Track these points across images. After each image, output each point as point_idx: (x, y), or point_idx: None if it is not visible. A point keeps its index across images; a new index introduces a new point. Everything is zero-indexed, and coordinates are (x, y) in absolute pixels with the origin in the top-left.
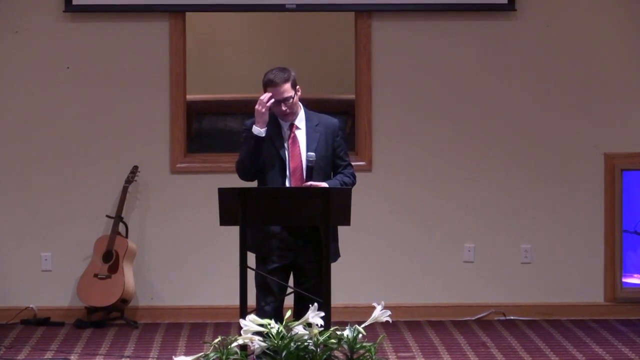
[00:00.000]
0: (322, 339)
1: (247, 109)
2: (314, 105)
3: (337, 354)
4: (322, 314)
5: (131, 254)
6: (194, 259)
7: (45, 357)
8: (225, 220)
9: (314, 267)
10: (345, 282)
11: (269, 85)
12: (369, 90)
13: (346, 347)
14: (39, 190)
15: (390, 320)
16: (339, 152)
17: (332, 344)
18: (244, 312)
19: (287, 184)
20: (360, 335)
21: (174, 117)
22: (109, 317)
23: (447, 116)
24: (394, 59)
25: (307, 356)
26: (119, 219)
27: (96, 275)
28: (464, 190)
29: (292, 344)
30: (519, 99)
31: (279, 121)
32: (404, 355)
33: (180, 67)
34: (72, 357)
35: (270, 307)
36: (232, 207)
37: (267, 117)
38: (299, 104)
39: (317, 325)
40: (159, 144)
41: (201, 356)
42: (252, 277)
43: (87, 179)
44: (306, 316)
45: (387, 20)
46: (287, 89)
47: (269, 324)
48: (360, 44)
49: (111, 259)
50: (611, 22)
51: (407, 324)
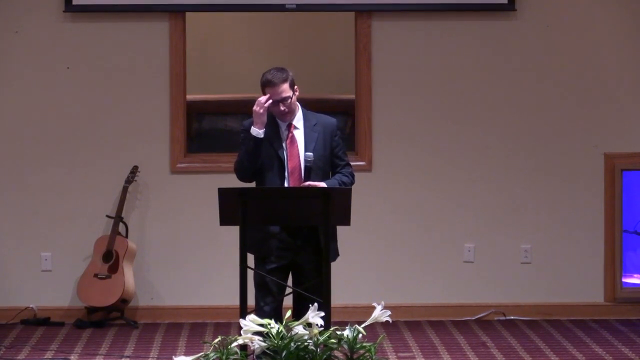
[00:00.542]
0: (322, 339)
1: (246, 109)
2: (314, 105)
3: (337, 354)
4: (322, 314)
5: (131, 254)
6: (194, 259)
7: (45, 357)
8: (225, 220)
9: (312, 267)
10: (345, 282)
11: (267, 85)
12: (369, 90)
13: (346, 347)
14: (39, 190)
15: (390, 320)
16: (337, 151)
17: (332, 344)
18: (244, 312)
19: (286, 184)
20: (360, 335)
21: (174, 117)
22: (109, 317)
23: (447, 116)
24: (394, 59)
25: (307, 356)
26: (119, 219)
27: (96, 275)
28: (464, 190)
29: (292, 344)
30: (519, 99)
31: (277, 121)
32: (404, 355)
33: (180, 67)
34: (72, 357)
35: (269, 307)
36: (232, 207)
37: (265, 118)
38: (297, 104)
39: (317, 325)
40: (159, 144)
41: (201, 356)
42: (252, 277)
43: (87, 179)
44: (306, 316)
45: (387, 20)
46: (285, 89)
47: (269, 324)
48: (360, 44)
49: (111, 259)
50: (611, 22)
51: (407, 324)
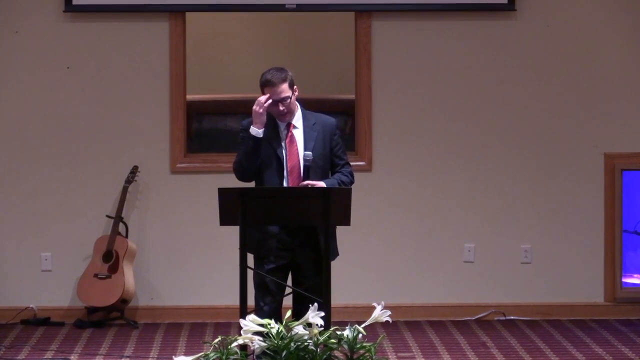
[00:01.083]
0: (322, 339)
1: (246, 109)
2: (314, 105)
3: (337, 354)
4: (322, 314)
5: (131, 254)
6: (194, 259)
7: (45, 357)
8: (225, 220)
9: (311, 266)
10: (345, 282)
11: (266, 85)
12: (369, 90)
13: (346, 347)
14: (39, 190)
15: (390, 320)
16: (336, 150)
17: (332, 344)
18: (244, 312)
19: (285, 184)
20: (360, 335)
21: (174, 117)
22: (109, 317)
23: (447, 116)
24: (394, 59)
25: (307, 356)
26: (119, 219)
27: (96, 275)
28: (464, 190)
29: (292, 344)
30: (518, 98)
31: (276, 121)
32: (404, 355)
33: (180, 67)
34: (72, 357)
35: (268, 307)
36: (232, 207)
37: (264, 118)
38: (296, 103)
39: (317, 325)
40: (159, 144)
41: (201, 356)
42: (252, 277)
43: (87, 179)
44: (306, 316)
45: (387, 20)
46: (284, 89)
47: (269, 324)
48: (360, 44)
49: (111, 259)
50: (611, 22)
51: (407, 324)
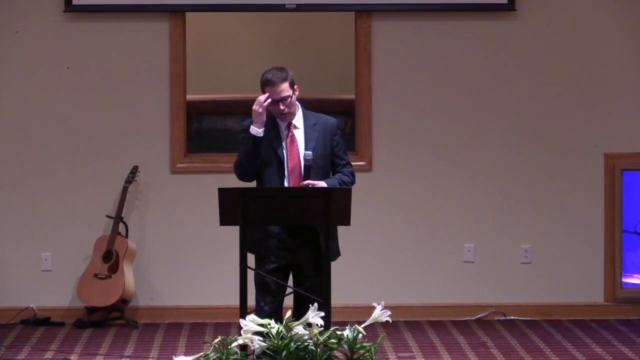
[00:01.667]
0: (322, 339)
1: (246, 109)
2: (314, 105)
3: (337, 354)
4: (322, 314)
5: (131, 254)
6: (194, 259)
7: (45, 357)
8: (225, 220)
9: (312, 266)
10: (345, 282)
11: (266, 84)
12: (369, 90)
13: (346, 347)
14: (39, 190)
15: (390, 320)
16: (337, 150)
17: (332, 344)
18: (244, 312)
19: (286, 184)
20: (360, 335)
21: (174, 117)
22: (109, 317)
23: (447, 116)
24: (394, 59)
25: (307, 356)
26: (119, 219)
27: (96, 275)
28: (464, 190)
29: (292, 344)
30: (518, 99)
31: (276, 121)
32: (404, 355)
33: (180, 67)
34: (72, 357)
35: (269, 307)
36: (232, 207)
37: (264, 117)
38: (297, 103)
39: (317, 325)
40: (159, 144)
41: (201, 356)
42: (252, 277)
43: (87, 179)
44: (306, 316)
45: (387, 20)
46: (285, 89)
47: (269, 324)
48: (360, 44)
49: (111, 259)
50: (611, 22)
51: (407, 324)
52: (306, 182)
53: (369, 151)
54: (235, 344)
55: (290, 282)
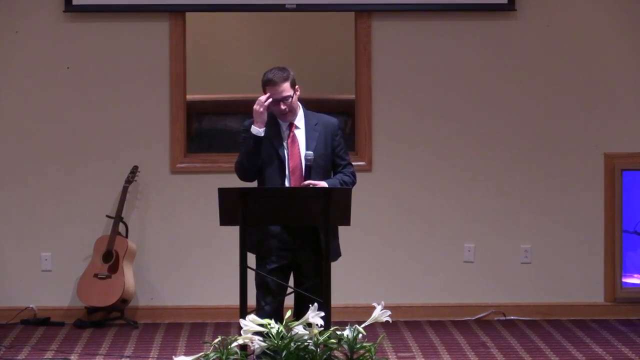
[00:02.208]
0: (322, 339)
1: (246, 109)
2: (314, 105)
3: (337, 354)
4: (322, 314)
5: (131, 254)
6: (194, 259)
7: (45, 357)
8: (225, 220)
9: (312, 266)
10: (345, 282)
11: (268, 84)
12: (369, 90)
13: (346, 347)
14: (39, 190)
15: (390, 320)
16: (338, 151)
17: (332, 344)
18: (244, 312)
19: (287, 184)
20: (360, 335)
21: (174, 117)
22: (109, 317)
23: (447, 116)
24: (394, 59)
25: (307, 356)
26: (119, 219)
27: (96, 275)
28: (464, 190)
29: (292, 344)
30: (518, 99)
31: (278, 121)
32: (404, 355)
33: (180, 67)
34: (72, 357)
35: (269, 307)
36: (232, 207)
37: (265, 117)
38: (298, 103)
39: (317, 325)
40: (159, 144)
41: (201, 356)
42: (252, 277)
43: (87, 179)
44: (306, 316)
45: (387, 20)
46: (286, 88)
47: (269, 324)
48: (360, 44)
49: (111, 259)
50: (611, 22)
51: (407, 324)
52: (307, 182)
53: (369, 151)
54: (235, 344)
55: (290, 282)
